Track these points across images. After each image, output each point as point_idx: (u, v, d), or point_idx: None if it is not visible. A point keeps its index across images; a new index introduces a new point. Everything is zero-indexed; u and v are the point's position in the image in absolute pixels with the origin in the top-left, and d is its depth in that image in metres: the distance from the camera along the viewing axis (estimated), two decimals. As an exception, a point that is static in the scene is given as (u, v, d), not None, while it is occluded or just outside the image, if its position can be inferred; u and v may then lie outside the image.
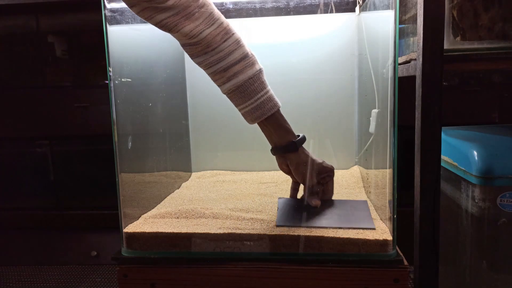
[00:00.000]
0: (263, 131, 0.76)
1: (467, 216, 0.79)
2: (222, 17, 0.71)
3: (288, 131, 0.76)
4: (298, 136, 0.77)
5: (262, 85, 0.72)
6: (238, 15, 1.02)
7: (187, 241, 0.72)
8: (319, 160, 0.79)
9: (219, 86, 0.74)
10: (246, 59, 0.71)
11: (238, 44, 0.71)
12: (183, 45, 0.72)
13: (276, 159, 0.79)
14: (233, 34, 0.71)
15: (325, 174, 0.78)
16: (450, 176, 0.85)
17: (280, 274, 0.69)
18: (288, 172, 0.79)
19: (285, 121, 0.76)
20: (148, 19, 0.66)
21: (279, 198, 0.86)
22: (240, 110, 0.75)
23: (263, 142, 1.13)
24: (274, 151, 0.78)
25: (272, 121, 0.74)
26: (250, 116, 0.73)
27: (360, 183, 0.98)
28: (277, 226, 0.73)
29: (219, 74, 0.72)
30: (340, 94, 1.09)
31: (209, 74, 0.74)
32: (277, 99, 0.75)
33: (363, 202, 0.82)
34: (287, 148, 0.75)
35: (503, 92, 1.18)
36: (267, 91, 0.73)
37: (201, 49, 0.70)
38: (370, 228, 0.70)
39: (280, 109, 0.75)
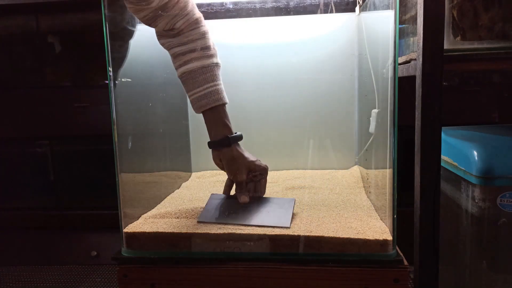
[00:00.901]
0: (205, 123, 0.80)
1: (467, 216, 0.79)
2: (196, 10, 0.77)
3: (226, 126, 0.79)
4: (236, 133, 0.80)
5: (213, 77, 0.77)
6: (238, 15, 1.02)
7: (187, 241, 0.72)
8: (253, 158, 0.81)
9: (176, 69, 0.79)
10: (205, 50, 0.76)
11: (203, 35, 0.76)
12: (156, 31, 0.78)
13: (212, 153, 0.82)
14: (201, 26, 0.77)
15: (257, 172, 0.82)
16: (450, 176, 0.85)
17: (280, 274, 0.69)
18: (222, 167, 0.82)
19: (226, 117, 0.79)
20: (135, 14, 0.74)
21: (212, 194, 0.86)
22: (189, 96, 0.79)
23: (263, 142, 1.13)
24: (209, 144, 0.81)
25: (214, 114, 0.78)
26: (196, 104, 0.78)
27: (360, 183, 0.98)
28: (198, 222, 0.75)
29: (178, 57, 0.77)
30: (340, 94, 1.09)
31: (170, 56, 0.79)
32: (225, 95, 0.79)
33: (290, 200, 0.82)
34: (221, 143, 0.79)
35: (503, 92, 1.18)
36: (217, 84, 0.77)
37: (171, 34, 0.76)
38: (284, 227, 0.71)
39: (227, 106, 0.80)
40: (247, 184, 0.82)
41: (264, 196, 0.84)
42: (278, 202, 0.82)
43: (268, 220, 0.74)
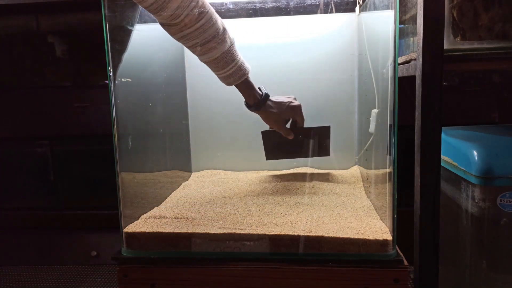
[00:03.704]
0: (237, 89, 0.89)
1: (467, 216, 0.79)
2: None
3: (253, 94, 0.90)
4: (262, 95, 0.90)
5: (232, 57, 0.84)
6: (238, 15, 1.02)
7: (187, 241, 0.72)
8: (286, 103, 0.94)
9: (197, 56, 0.84)
10: (218, 36, 0.80)
11: (210, 22, 0.78)
12: (162, 25, 0.79)
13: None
14: (206, 12, 0.78)
15: (292, 113, 0.95)
16: (450, 176, 0.85)
17: (280, 274, 0.69)
18: None
19: (251, 86, 0.89)
20: (141, 2, 0.72)
21: (262, 131, 1.01)
22: (216, 75, 0.87)
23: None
24: (246, 106, 0.93)
25: (241, 85, 0.88)
26: (225, 81, 0.87)
27: (360, 183, 0.98)
28: (267, 160, 1.01)
29: (195, 48, 0.82)
30: (340, 94, 1.09)
31: (187, 47, 0.82)
32: (246, 66, 0.87)
33: (326, 129, 1.00)
34: (254, 108, 0.91)
35: (503, 92, 1.18)
36: (237, 62, 0.85)
37: (178, 28, 0.77)
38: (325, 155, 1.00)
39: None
40: (287, 123, 0.97)
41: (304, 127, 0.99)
42: (317, 132, 0.99)
43: (313, 153, 0.99)
